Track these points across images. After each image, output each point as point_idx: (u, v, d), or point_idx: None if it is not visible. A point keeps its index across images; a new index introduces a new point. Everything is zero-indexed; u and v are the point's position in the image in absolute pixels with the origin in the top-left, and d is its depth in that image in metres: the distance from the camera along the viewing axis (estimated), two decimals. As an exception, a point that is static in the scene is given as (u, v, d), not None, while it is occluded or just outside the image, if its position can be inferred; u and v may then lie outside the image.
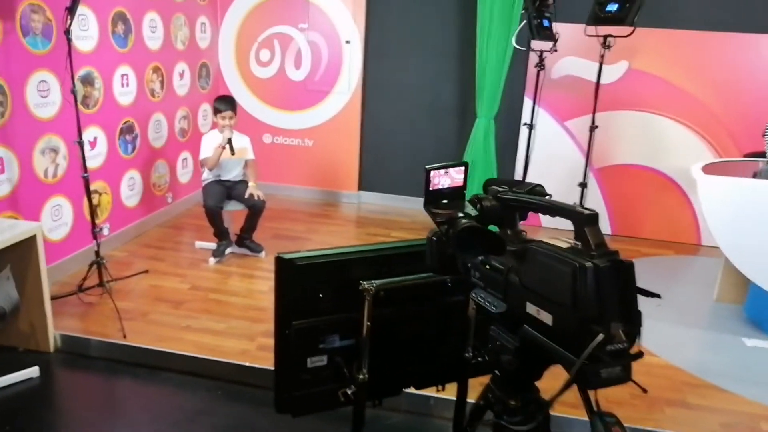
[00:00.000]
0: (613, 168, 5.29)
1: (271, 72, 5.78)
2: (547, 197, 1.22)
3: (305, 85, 5.75)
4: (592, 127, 3.86)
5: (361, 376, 1.69)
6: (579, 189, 4.54)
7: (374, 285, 1.66)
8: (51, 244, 3.80)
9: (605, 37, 3.48)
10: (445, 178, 1.26)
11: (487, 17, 4.76)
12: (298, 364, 1.73)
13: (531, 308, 1.07)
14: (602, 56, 3.58)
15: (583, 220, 1.03)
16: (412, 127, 5.63)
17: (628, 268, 0.99)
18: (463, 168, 1.26)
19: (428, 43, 5.45)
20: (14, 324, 3.17)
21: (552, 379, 1.16)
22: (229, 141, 4.11)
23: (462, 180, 1.27)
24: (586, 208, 1.04)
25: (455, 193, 1.27)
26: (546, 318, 1.03)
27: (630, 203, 5.30)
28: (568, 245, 1.05)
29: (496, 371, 1.24)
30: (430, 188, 1.23)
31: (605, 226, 5.31)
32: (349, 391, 1.72)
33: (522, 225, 1.28)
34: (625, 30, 3.19)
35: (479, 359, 1.82)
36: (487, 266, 1.19)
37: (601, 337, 0.92)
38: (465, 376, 1.91)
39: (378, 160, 5.80)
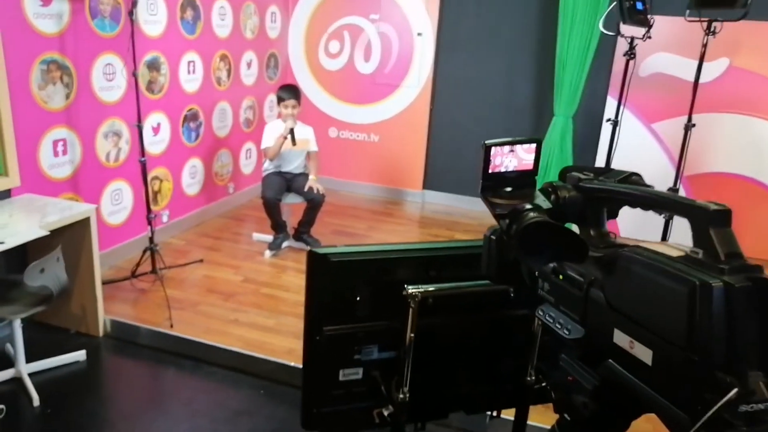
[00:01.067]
0: (707, 176, 4.76)
1: (340, 64, 5.61)
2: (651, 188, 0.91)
3: (374, 78, 5.54)
4: (688, 125, 3.39)
5: (402, 396, 1.44)
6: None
7: (421, 290, 1.40)
8: (110, 228, 3.76)
9: (710, 22, 3.02)
10: (510, 158, 0.97)
11: (571, 2, 4.37)
12: (329, 377, 1.48)
13: (620, 338, 0.77)
14: (704, 45, 3.11)
15: (709, 218, 0.72)
16: (482, 125, 5.31)
17: (777, 292, 0.67)
18: (534, 146, 0.97)
19: (504, 35, 5.11)
20: (67, 306, 3.14)
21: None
22: (291, 131, 3.96)
23: (532, 162, 0.98)
24: (714, 203, 0.73)
25: (523, 179, 0.99)
26: (643, 354, 0.73)
27: (724, 216, 4.74)
28: (682, 253, 0.74)
29: (565, 415, 0.94)
30: (490, 170, 0.95)
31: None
32: (386, 412, 1.47)
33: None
34: (734, 14, 2.74)
35: (543, 385, 1.52)
36: (561, 276, 0.90)
37: (734, 392, 0.61)
38: (525, 402, 1.61)
39: (445, 158, 5.51)
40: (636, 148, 4.78)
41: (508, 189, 0.98)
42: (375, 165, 5.73)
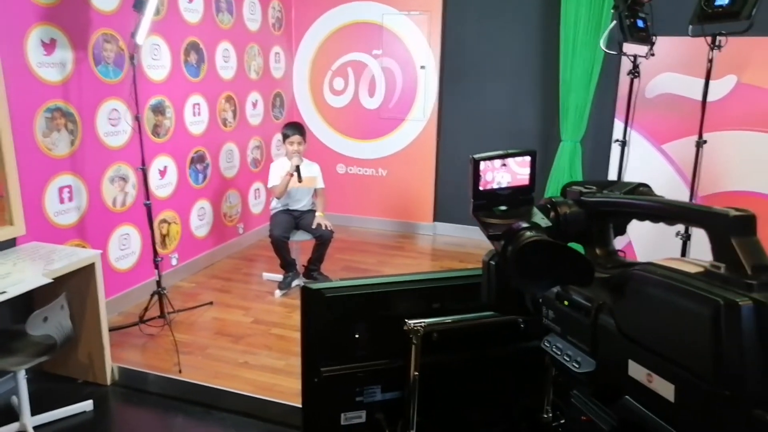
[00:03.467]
0: (723, 195, 4.61)
1: (345, 101, 5.61)
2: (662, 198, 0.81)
3: (379, 113, 5.52)
4: (699, 143, 3.28)
5: (408, 440, 1.32)
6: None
7: (424, 325, 1.31)
8: (118, 274, 3.71)
9: (714, 36, 2.94)
10: (502, 174, 0.88)
11: (572, 23, 4.34)
12: (330, 421, 1.38)
13: (637, 371, 0.66)
14: (710, 61, 3.03)
15: (730, 226, 0.62)
16: (490, 154, 5.24)
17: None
18: (528, 159, 0.88)
19: (507, 63, 5.09)
20: (73, 354, 3.06)
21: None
22: (297, 168, 3.91)
23: (528, 176, 0.89)
24: (735, 208, 0.63)
25: (518, 196, 0.90)
26: (664, 389, 0.62)
27: (743, 234, 4.57)
28: (702, 269, 0.64)
29: (583, 458, 0.82)
30: (481, 188, 0.86)
31: (714, 260, 4.61)
32: (392, 458, 1.36)
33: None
34: (738, 27, 2.66)
35: (561, 422, 1.40)
36: (566, 302, 0.80)
37: (774, 433, 0.51)
38: (543, 441, 1.48)
39: (454, 189, 5.44)
40: (647, 170, 4.66)
41: (503, 207, 0.89)
42: (384, 199, 5.67)
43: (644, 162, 4.66)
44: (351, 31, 5.46)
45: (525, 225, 0.79)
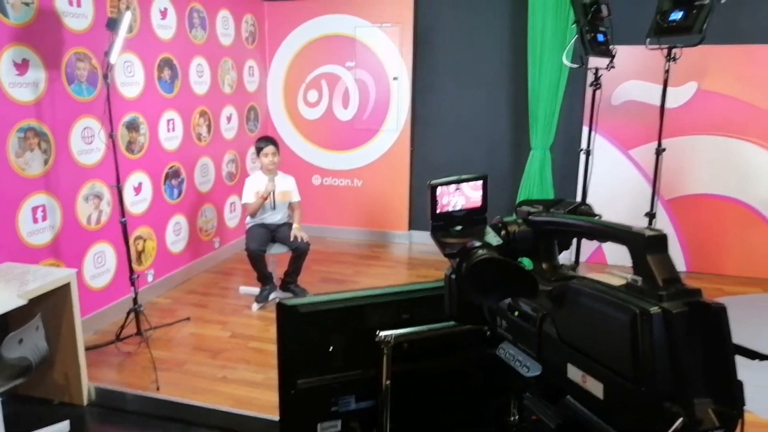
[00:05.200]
0: (686, 198, 4.79)
1: (319, 113, 5.69)
2: (595, 218, 0.91)
3: (353, 124, 5.62)
4: (659, 150, 3.45)
5: (382, 446, 1.40)
6: (646, 220, 4.09)
7: (394, 336, 1.39)
8: (94, 292, 3.72)
9: (669, 48, 3.10)
10: (457, 197, 0.97)
11: (539, 37, 4.49)
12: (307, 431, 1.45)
13: (574, 372, 0.76)
14: (667, 71, 3.19)
15: (644, 245, 0.72)
16: (463, 162, 5.36)
17: (717, 315, 0.66)
18: (480, 183, 0.97)
19: (478, 74, 5.22)
20: (49, 375, 3.06)
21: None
22: (271, 193, 3.99)
23: (480, 199, 0.98)
24: (650, 228, 0.73)
25: (472, 216, 0.98)
26: (594, 388, 0.71)
27: (707, 236, 4.75)
28: (624, 281, 0.74)
29: (537, 455, 0.91)
30: (438, 210, 0.95)
31: (679, 262, 4.77)
32: (368, 464, 1.43)
33: (570, 260, 0.97)
34: (692, 39, 2.82)
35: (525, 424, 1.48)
36: (516, 313, 0.89)
37: (680, 421, 0.59)
38: (511, 444, 1.56)
39: (430, 198, 5.55)
40: (615, 175, 4.83)
41: (458, 228, 0.98)
42: (360, 209, 5.75)
43: (612, 167, 4.83)
44: (324, 44, 5.55)
45: (478, 244, 0.87)
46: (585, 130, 4.80)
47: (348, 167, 5.72)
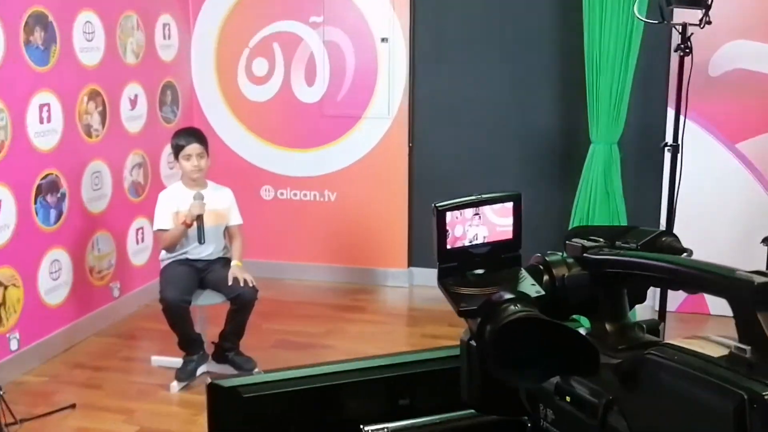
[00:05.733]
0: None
1: (271, 92, 5.74)
2: (683, 255, 0.93)
3: (322, 108, 5.67)
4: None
5: None
6: (765, 250, 4.14)
7: (387, 430, 1.40)
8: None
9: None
10: (477, 226, 0.99)
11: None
12: None
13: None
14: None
15: (753, 297, 0.74)
16: (488, 167, 5.41)
17: None
18: (511, 205, 1.00)
19: (510, 36, 5.30)
20: None
21: None
22: (199, 217, 3.99)
23: (511, 228, 1.00)
24: (762, 272, 0.75)
25: (499, 254, 1.01)
26: None
27: None
28: (726, 351, 0.76)
29: None
30: (448, 246, 0.97)
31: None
32: None
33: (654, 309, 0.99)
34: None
35: None
36: (568, 398, 0.90)
37: None
38: None
39: (438, 218, 5.58)
40: (716, 181, 4.88)
41: (479, 271, 1.00)
42: (334, 236, 5.77)
43: (711, 169, 4.88)
44: (276, -10, 5.64)
45: (508, 296, 0.89)
46: (670, 114, 4.85)
47: (315, 173, 5.74)
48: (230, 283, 4.09)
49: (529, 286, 0.96)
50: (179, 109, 5.75)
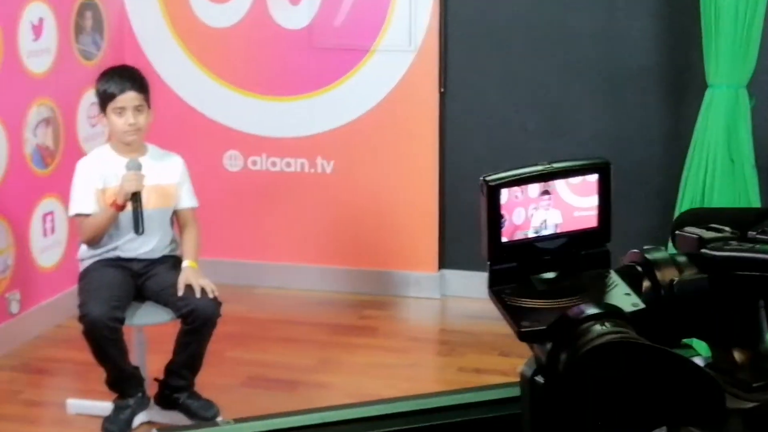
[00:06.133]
0: None
1: (238, 14, 5.77)
2: None
3: (311, 37, 5.70)
4: None
5: None
6: None
7: None
8: None
9: None
10: (544, 210, 1.00)
11: None
12: None
13: None
14: None
15: None
16: (557, 123, 5.43)
17: None
18: (595, 177, 1.00)
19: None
20: None
21: None
22: (135, 196, 3.99)
23: (597, 212, 1.01)
24: None
25: (578, 250, 1.02)
26: None
27: None
28: None
29: None
30: (504, 238, 0.98)
31: None
32: None
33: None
34: None
35: None
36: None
37: None
38: None
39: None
40: None
41: (549, 275, 1.01)
42: (330, 226, 5.81)
43: None
44: None
45: (593, 310, 0.90)
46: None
47: (302, 132, 5.79)
48: (181, 293, 4.12)
49: (623, 297, 0.97)
50: (104, 40, 5.78)
